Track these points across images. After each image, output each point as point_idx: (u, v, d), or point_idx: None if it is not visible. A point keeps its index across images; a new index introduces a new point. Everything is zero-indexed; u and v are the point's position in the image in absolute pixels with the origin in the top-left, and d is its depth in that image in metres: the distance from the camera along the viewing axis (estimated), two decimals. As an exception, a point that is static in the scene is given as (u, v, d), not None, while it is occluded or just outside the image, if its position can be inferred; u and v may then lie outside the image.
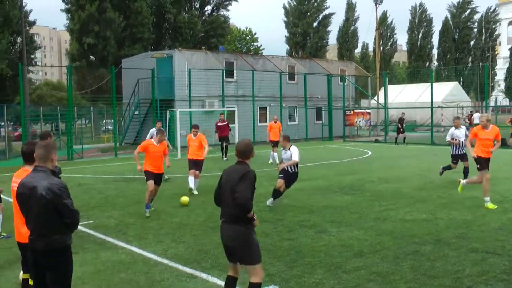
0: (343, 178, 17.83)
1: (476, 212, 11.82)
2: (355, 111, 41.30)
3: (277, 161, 21.32)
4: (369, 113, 41.39)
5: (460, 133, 16.25)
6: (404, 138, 33.46)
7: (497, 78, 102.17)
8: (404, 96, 49.14)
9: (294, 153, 12.79)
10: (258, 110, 36.03)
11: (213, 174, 18.84)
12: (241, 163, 6.02)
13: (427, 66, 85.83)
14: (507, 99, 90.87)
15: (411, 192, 14.63)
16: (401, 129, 33.29)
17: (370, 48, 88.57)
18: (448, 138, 16.57)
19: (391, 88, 47.54)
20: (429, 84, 36.03)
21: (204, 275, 7.58)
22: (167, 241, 9.60)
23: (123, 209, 12.72)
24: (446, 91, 48.55)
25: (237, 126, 29.11)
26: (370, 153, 27.62)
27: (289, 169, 12.86)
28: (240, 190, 5.67)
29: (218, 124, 25.55)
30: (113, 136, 31.59)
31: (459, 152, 16.33)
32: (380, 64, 57.59)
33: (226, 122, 25.64)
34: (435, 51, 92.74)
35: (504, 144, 31.22)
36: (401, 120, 33.81)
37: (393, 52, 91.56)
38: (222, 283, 7.19)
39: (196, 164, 15.29)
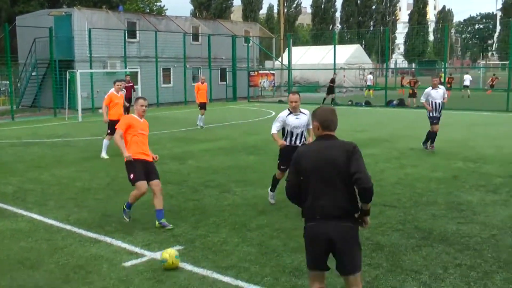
0: (248, 138, 18.02)
1: (375, 168, 12.35)
2: (259, 72, 41.58)
3: (201, 124, 20.97)
4: (273, 74, 41.82)
5: (437, 94, 14.91)
6: (332, 99, 33.67)
7: (397, 41, 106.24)
8: (307, 57, 49.95)
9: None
10: (162, 71, 35.43)
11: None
12: (330, 137, 4.51)
13: (330, 28, 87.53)
14: (406, 62, 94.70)
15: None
16: (332, 90, 33.46)
17: (275, 10, 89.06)
18: (422, 99, 15.35)
19: (295, 50, 48.26)
20: (332, 46, 36.83)
21: (108, 239, 7.48)
22: (70, 206, 9.36)
23: (22, 175, 12.21)
24: (349, 53, 49.80)
25: (140, 87, 28.49)
26: (274, 113, 28.00)
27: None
28: (360, 170, 4.26)
29: (125, 86, 24.82)
30: (9, 98, 30.04)
31: (436, 114, 15.00)
32: (284, 26, 57.99)
33: (132, 84, 25.01)
34: (338, 15, 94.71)
35: (402, 104, 32.77)
36: (333, 80, 34.11)
37: (298, 14, 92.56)
38: (127, 246, 7.15)
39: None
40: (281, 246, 7.10)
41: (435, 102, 14.91)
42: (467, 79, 41.67)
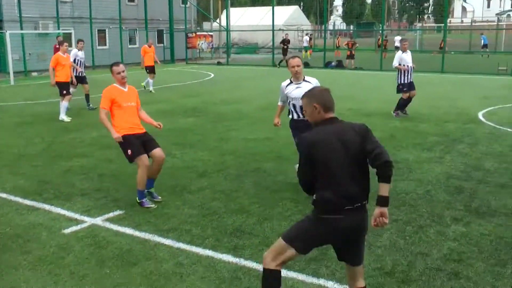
0: (187, 100, 17.90)
1: (313, 129, 12.55)
2: (197, 34, 41.07)
3: (151, 88, 20.49)
4: (211, 36, 41.40)
5: (408, 57, 14.45)
6: (281, 60, 33.13)
7: (335, 3, 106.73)
8: (246, 19, 49.62)
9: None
10: (97, 33, 34.47)
11: (52, 100, 17.92)
12: (336, 119, 4.09)
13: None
14: (344, 24, 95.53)
15: (253, 113, 15.12)
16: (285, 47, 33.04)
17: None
18: (395, 63, 14.46)
19: (233, 11, 47.82)
20: (271, 7, 36.68)
21: (46, 206, 7.34)
22: (4, 174, 9.09)
23: (-49, 141, 11.75)
24: (287, 14, 49.74)
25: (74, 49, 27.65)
26: (212, 75, 27.86)
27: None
28: (378, 145, 3.87)
29: (57, 47, 23.88)
30: None
31: (407, 80, 14.39)
32: (221, -15, 57.26)
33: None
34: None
35: (341, 66, 33.16)
36: (285, 41, 33.66)
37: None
38: (66, 213, 7.06)
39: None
40: (222, 208, 7.17)
41: (408, 66, 14.35)
42: (397, 40, 42.53)
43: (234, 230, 6.36)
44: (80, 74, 16.18)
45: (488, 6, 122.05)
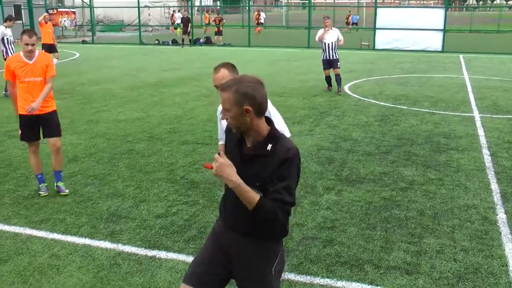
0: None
1: (186, 106, 12.50)
2: (59, 10, 39.09)
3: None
4: (74, 13, 39.60)
5: (327, 35, 14.42)
6: (189, 39, 32.37)
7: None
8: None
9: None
10: None
11: None
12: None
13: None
14: (211, 0, 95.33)
15: (123, 93, 14.74)
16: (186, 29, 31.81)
17: None
18: (317, 39, 14.79)
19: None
20: (133, -18, 35.72)
21: None
22: None
23: None
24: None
25: None
26: (78, 54, 26.75)
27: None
28: None
29: None
30: None
31: (328, 57, 14.62)
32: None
33: None
34: None
35: (209, 43, 33.12)
36: (182, 19, 32.40)
37: None
38: None
39: None
40: (96, 193, 6.95)
41: (326, 43, 14.44)
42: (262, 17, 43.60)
43: (110, 215, 6.20)
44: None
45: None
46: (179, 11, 45.80)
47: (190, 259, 5.11)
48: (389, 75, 18.02)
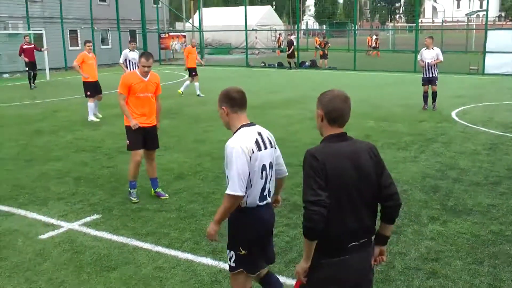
0: (161, 102, 17.73)
1: (290, 129, 12.61)
2: (170, 34, 40.87)
3: (198, 92, 19.69)
4: (184, 36, 41.23)
5: (428, 54, 15.38)
6: (291, 62, 32.55)
7: (307, 3, 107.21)
8: (219, 19, 49.50)
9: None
10: (68, 33, 34.07)
11: (24, 103, 17.71)
12: (346, 136, 3.42)
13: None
14: (317, 23, 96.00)
15: (228, 114, 15.06)
16: (289, 53, 32.13)
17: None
18: (419, 58, 15.91)
19: (206, 11, 47.66)
20: (243, 7, 36.69)
21: (22, 212, 7.23)
22: (-23, 178, 8.95)
23: None
24: (260, 14, 49.77)
25: (46, 49, 27.26)
26: (186, 76, 27.68)
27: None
28: (392, 182, 3.38)
29: (24, 46, 23.26)
30: None
31: (427, 75, 15.44)
32: (194, -14, 57.07)
33: (33, 45, 23.76)
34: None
35: (314, 66, 33.32)
36: (289, 43, 32.91)
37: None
38: (42, 218, 6.97)
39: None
40: (200, 210, 7.16)
41: (426, 62, 15.34)
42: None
43: (213, 233, 6.34)
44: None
45: (458, 6, 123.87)
46: (289, 35, 46.36)
47: (290, 281, 5.12)
48: (499, 102, 17.24)
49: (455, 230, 6.39)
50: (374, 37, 43.36)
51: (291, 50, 31.91)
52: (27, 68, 23.18)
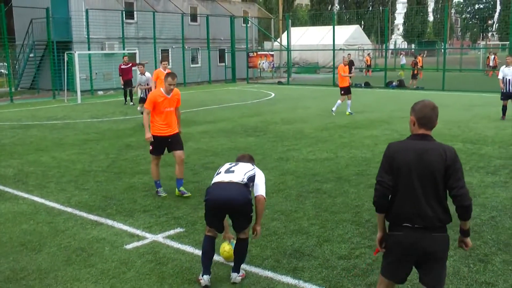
0: (247, 120, 18.00)
1: (375, 149, 12.37)
2: (258, 53, 41.41)
3: (349, 110, 19.19)
4: (272, 55, 41.66)
5: (509, 71, 16.81)
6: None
7: (396, 22, 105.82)
8: (306, 38, 49.79)
9: None
10: (160, 52, 35.26)
11: (116, 118, 18.45)
12: (426, 137, 4.02)
13: (329, 9, 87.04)
14: (406, 43, 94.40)
15: (313, 133, 15.04)
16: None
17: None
18: (499, 76, 17.29)
19: (294, 31, 48.04)
20: (331, 27, 36.65)
21: (109, 222, 7.50)
22: (70, 189, 9.37)
23: (22, 157, 12.22)
24: (348, 34, 49.64)
25: (138, 69, 28.32)
26: (273, 94, 27.96)
27: None
28: (459, 185, 3.84)
29: (122, 66, 24.55)
30: (7, 80, 29.92)
31: (508, 91, 16.92)
32: (282, 6, 57.70)
33: (130, 64, 24.84)
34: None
35: (402, 86, 32.71)
36: (351, 62, 32.96)
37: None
38: (128, 228, 7.19)
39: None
40: (282, 228, 7.13)
41: (507, 79, 16.86)
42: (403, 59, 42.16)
43: (294, 252, 6.31)
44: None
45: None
46: (404, 54, 45.80)
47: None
48: None
49: (551, 261, 6.00)
50: (493, 56, 42.02)
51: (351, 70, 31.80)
52: (123, 86, 24.31)
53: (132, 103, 23.89)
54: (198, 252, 6.29)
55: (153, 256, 6.19)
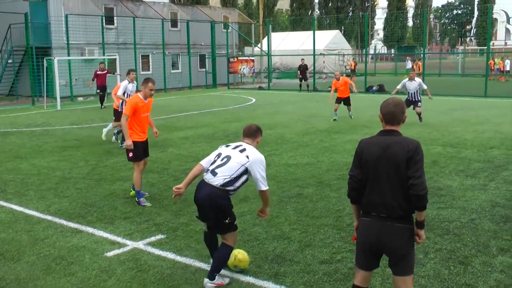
0: (228, 125, 18.00)
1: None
2: (239, 58, 41.43)
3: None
4: (252, 61, 41.71)
5: (411, 85, 17.23)
6: (307, 85, 34.10)
7: (376, 27, 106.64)
8: (287, 43, 49.82)
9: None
10: (141, 58, 35.13)
11: (96, 124, 18.32)
12: (392, 132, 4.33)
13: (309, 14, 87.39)
14: (385, 48, 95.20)
15: (294, 138, 15.09)
16: (300, 76, 33.85)
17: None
18: (398, 86, 17.83)
19: (274, 36, 48.06)
20: (312, 32, 36.81)
21: (89, 229, 7.44)
22: (50, 196, 9.28)
23: (0, 165, 12.06)
24: (328, 39, 49.75)
25: (119, 75, 28.18)
26: (254, 100, 27.99)
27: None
28: (416, 175, 4.06)
29: (98, 72, 24.52)
30: (-15, 87, 29.59)
31: (411, 98, 17.18)
32: (263, 11, 57.80)
33: (106, 71, 24.77)
34: (317, 0, 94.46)
35: (382, 90, 32.90)
36: (300, 67, 34.17)
37: (276, 0, 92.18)
38: (109, 236, 7.14)
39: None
40: (263, 234, 7.14)
41: (409, 93, 17.30)
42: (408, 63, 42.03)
43: (275, 257, 6.31)
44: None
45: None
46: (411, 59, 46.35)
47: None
48: None
49: (529, 263, 6.08)
50: (499, 60, 42.84)
51: (305, 74, 33.64)
52: (98, 91, 24.49)
53: (103, 106, 24.15)
54: (180, 259, 6.28)
55: (134, 264, 6.15)
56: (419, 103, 17.34)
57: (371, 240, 4.25)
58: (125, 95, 14.41)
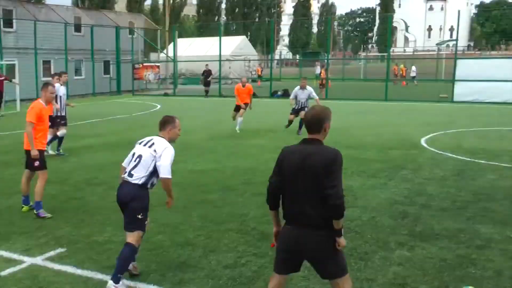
0: (132, 133, 17.64)
1: (260, 159, 12.59)
2: (144, 64, 40.91)
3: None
4: (158, 67, 41.32)
5: (303, 94, 16.97)
6: (206, 91, 34.49)
7: (281, 33, 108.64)
8: (193, 49, 49.69)
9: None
10: (42, 63, 33.83)
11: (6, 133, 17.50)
12: (313, 141, 4.32)
13: (216, 20, 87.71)
14: (291, 53, 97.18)
15: (199, 143, 15.07)
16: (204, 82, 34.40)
17: (160, 1, 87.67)
18: (291, 97, 17.44)
19: (181, 42, 47.83)
20: (218, 37, 36.96)
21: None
22: None
23: None
24: (234, 44, 50.10)
25: (18, 81, 26.98)
26: (159, 106, 27.73)
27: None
28: (332, 185, 4.06)
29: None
30: None
31: (298, 107, 16.99)
32: (169, 17, 57.40)
33: (3, 77, 23.64)
34: (223, 6, 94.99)
35: (287, 95, 33.51)
36: (204, 72, 34.42)
37: (183, 6, 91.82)
38: (4, 253, 6.80)
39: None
40: (167, 242, 7.07)
41: (300, 101, 17.06)
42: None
43: (180, 264, 6.28)
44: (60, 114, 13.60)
45: (429, 36, 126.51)
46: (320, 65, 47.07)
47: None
48: (467, 128, 17.54)
49: (423, 255, 6.43)
50: (401, 66, 44.82)
51: (209, 78, 34.93)
52: None
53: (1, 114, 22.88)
54: (80, 272, 6.10)
55: (31, 282, 5.88)
56: (306, 109, 16.87)
57: (291, 248, 4.27)
58: (57, 97, 13.25)
